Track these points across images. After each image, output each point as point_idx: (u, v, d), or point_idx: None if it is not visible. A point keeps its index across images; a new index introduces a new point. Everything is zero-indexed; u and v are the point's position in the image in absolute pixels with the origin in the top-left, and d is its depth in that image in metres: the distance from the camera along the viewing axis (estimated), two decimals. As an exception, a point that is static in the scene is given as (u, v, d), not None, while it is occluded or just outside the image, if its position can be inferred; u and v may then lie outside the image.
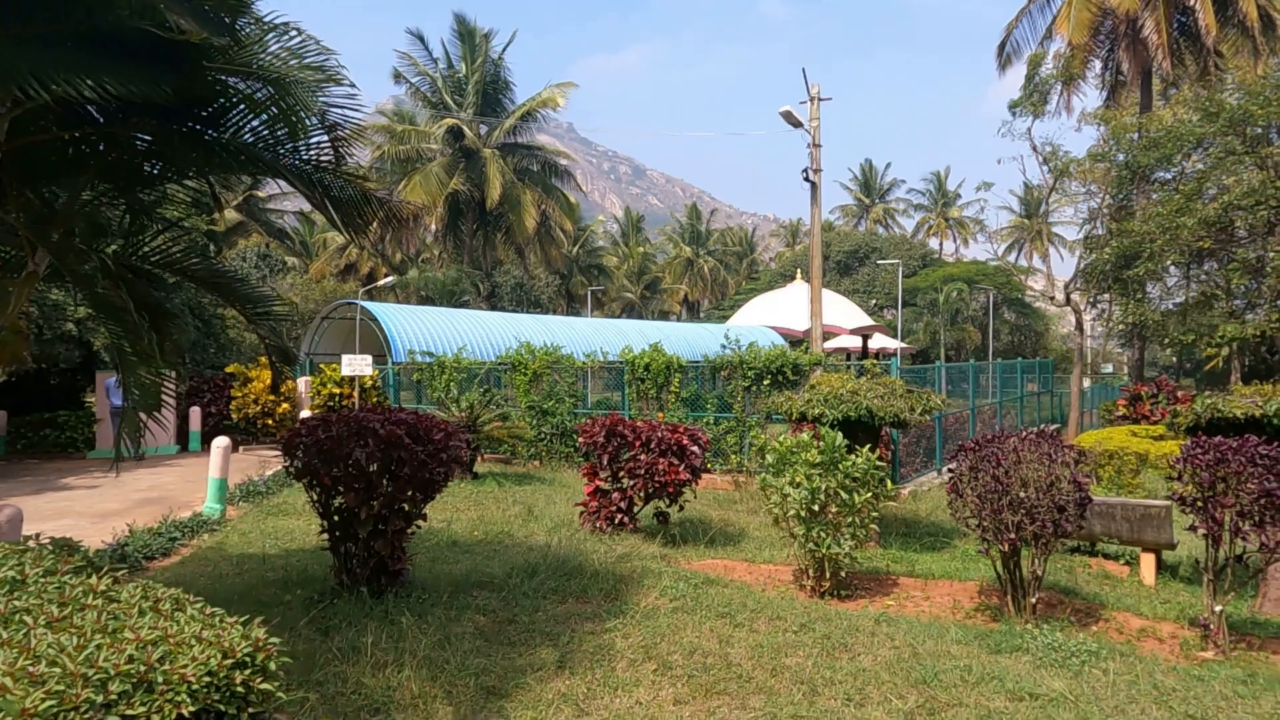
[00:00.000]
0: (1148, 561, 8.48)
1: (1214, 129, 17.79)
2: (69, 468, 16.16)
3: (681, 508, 9.73)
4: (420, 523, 7.05)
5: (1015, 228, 75.31)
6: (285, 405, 19.07)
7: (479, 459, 15.12)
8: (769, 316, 39.84)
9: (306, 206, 65.41)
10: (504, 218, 39.11)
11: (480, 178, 37.35)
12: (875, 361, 13.20)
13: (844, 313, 40.48)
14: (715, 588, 7.13)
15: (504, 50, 39.49)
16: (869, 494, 7.33)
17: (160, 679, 2.18)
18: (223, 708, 2.24)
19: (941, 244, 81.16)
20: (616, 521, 9.45)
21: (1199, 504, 5.85)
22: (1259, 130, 17.38)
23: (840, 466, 7.19)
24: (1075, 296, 22.53)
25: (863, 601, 7.13)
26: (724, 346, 14.43)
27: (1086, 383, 44.78)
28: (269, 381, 18.98)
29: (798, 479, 7.22)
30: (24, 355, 12.88)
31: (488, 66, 38.44)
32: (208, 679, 2.25)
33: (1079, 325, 21.59)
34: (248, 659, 2.40)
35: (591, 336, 24.44)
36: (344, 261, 51.53)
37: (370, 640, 5.44)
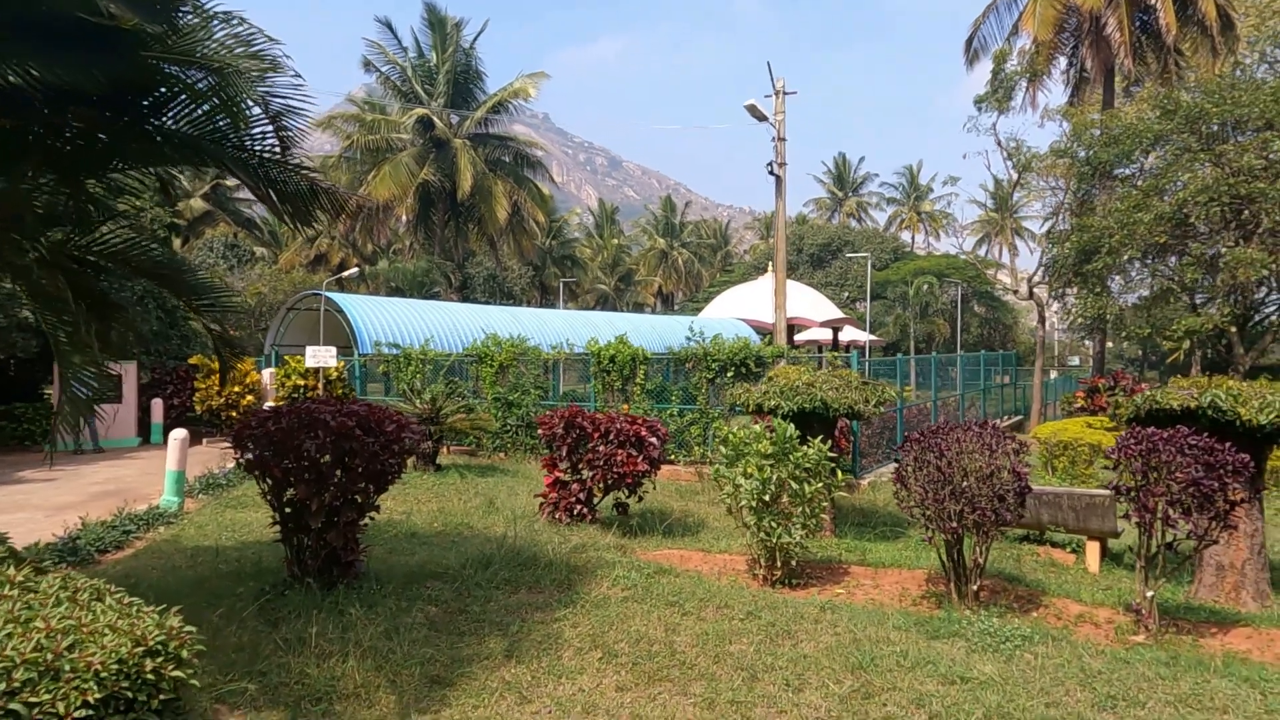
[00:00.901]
0: (1092, 549, 8.70)
1: (1171, 126, 18.17)
2: (26, 460, 15.90)
3: (641, 498, 9.81)
4: (374, 514, 7.06)
5: (985, 222, 76.30)
6: (250, 397, 18.90)
7: (443, 451, 15.11)
8: (741, 309, 40.05)
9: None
10: (476, 209, 38.90)
11: (451, 168, 37.11)
12: (837, 354, 13.36)
13: (814, 306, 40.77)
14: (667, 577, 7.22)
15: (475, 40, 39.24)
16: (820, 484, 7.45)
17: (67, 667, 2.21)
18: (131, 694, 2.27)
19: (914, 237, 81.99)
20: (575, 513, 9.51)
21: (1133, 493, 6.02)
22: (1214, 128, 17.77)
23: (791, 457, 7.30)
24: (1038, 290, 22.92)
25: (813, 590, 7.25)
26: (688, 339, 14.52)
27: (1054, 374, 45.55)
28: (235, 373, 18.81)
29: (750, 470, 7.32)
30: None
31: (459, 56, 38.15)
32: (117, 667, 2.27)
33: (1041, 318, 21.95)
34: (160, 647, 2.42)
35: (561, 328, 24.43)
36: (314, 252, 50.94)
37: (316, 631, 5.45)
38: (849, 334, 41.97)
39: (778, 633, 5.78)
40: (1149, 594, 6.09)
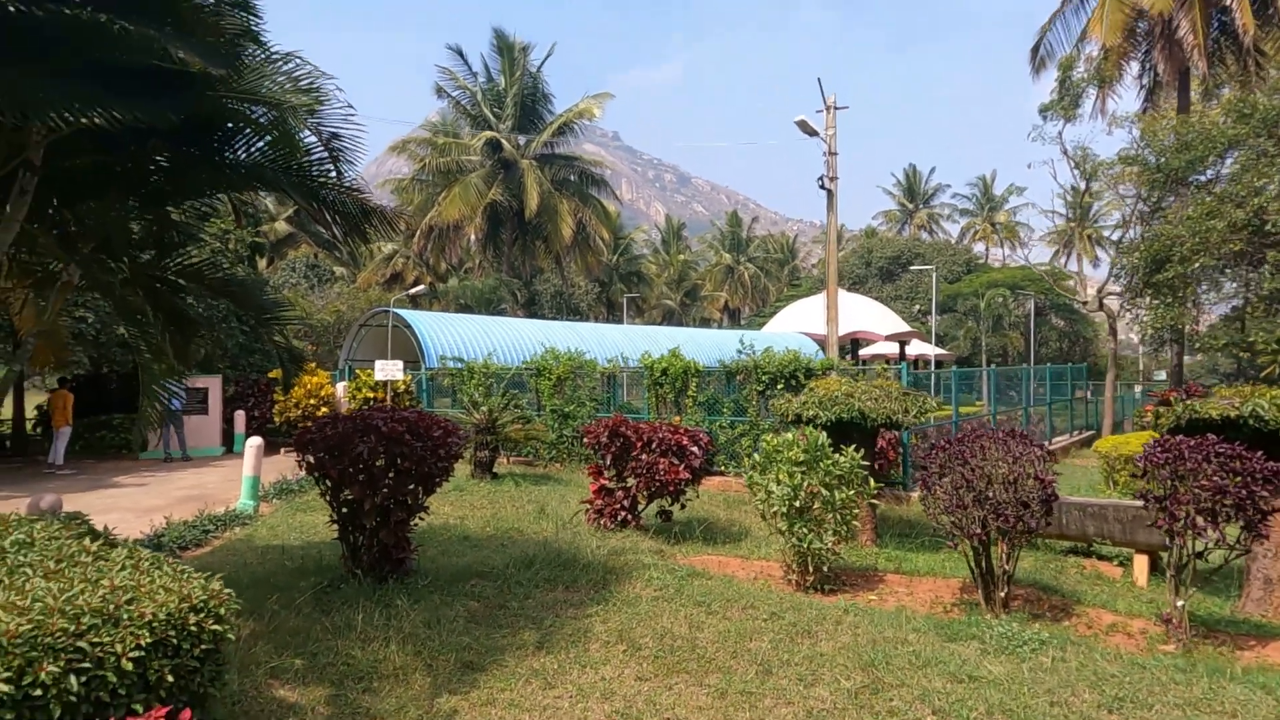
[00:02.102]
0: (1140, 562, 8.54)
1: (1246, 130, 17.52)
2: (122, 467, 17.11)
3: (683, 506, 10.06)
4: (423, 515, 7.53)
5: (1062, 231, 73.86)
6: (324, 409, 19.87)
7: (503, 461, 15.64)
8: (803, 323, 39.91)
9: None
10: (542, 227, 39.88)
11: (518, 188, 38.18)
12: (885, 366, 13.37)
13: (881, 319, 40.33)
14: (700, 580, 7.46)
15: (542, 64, 40.39)
16: (852, 492, 7.59)
17: (125, 616, 2.64)
18: (177, 642, 2.69)
19: (988, 249, 79.96)
20: (620, 519, 9.82)
21: (1160, 501, 6.00)
22: (1293, 131, 17.06)
23: (821, 465, 7.46)
24: (1109, 302, 22.25)
25: (845, 596, 7.38)
26: (739, 352, 14.72)
27: (1137, 389, 43.65)
28: (310, 387, 19.84)
29: (780, 476, 7.52)
30: (65, 357, 13.77)
31: (526, 79, 39.31)
32: (165, 618, 2.69)
33: (1112, 330, 21.30)
34: (203, 605, 2.84)
35: (621, 342, 24.87)
36: (390, 271, 52.90)
37: (363, 619, 5.91)
38: (917, 347, 41.32)
39: (798, 632, 5.96)
40: (1179, 603, 6.05)
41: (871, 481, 8.03)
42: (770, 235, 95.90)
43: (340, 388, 20.55)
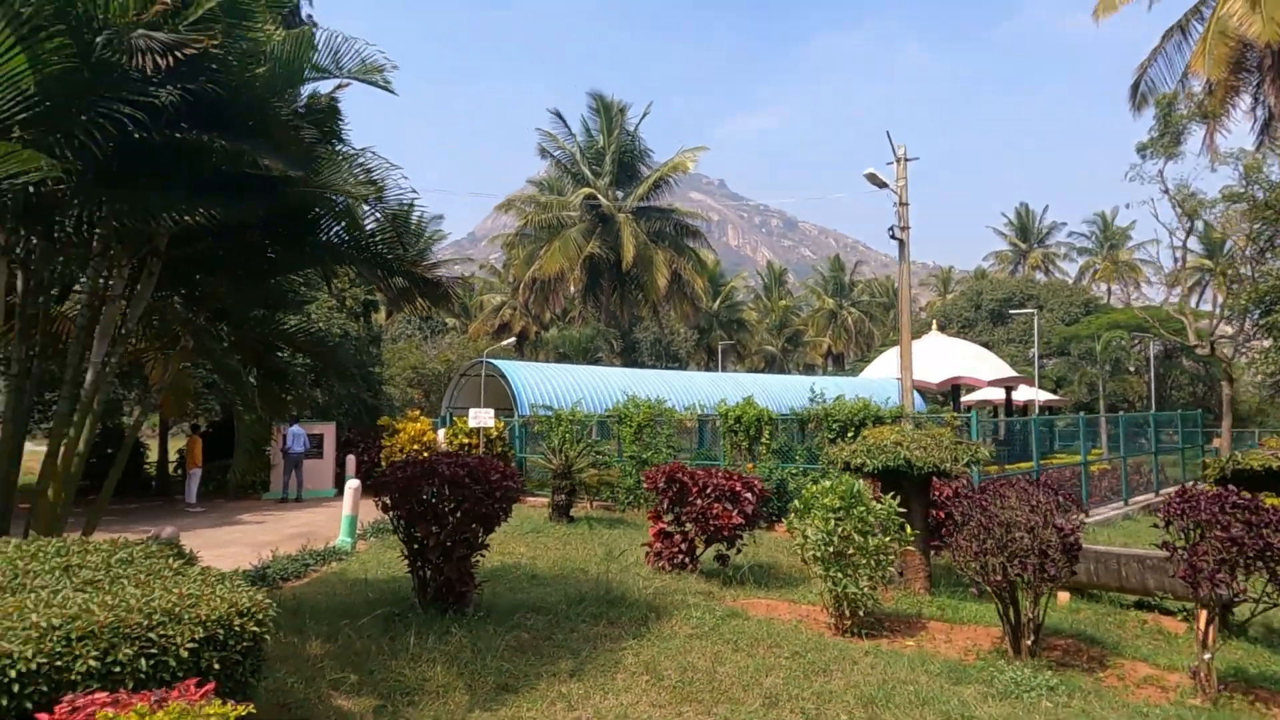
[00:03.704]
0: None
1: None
2: (246, 506, 18.85)
3: (739, 550, 10.40)
4: (484, 552, 8.27)
5: (1196, 269, 69.38)
6: (426, 455, 21.21)
7: (585, 505, 16.33)
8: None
9: (466, 271, 70.30)
10: (639, 277, 41.07)
11: (616, 241, 39.59)
12: (956, 415, 13.33)
13: (984, 364, 39.08)
14: (737, 620, 7.83)
15: (639, 122, 42.03)
16: (888, 539, 7.82)
17: (186, 616, 3.40)
18: (224, 638, 3.43)
19: (1109, 289, 75.98)
20: (677, 562, 10.26)
21: (1180, 552, 6.01)
22: None
23: (854, 512, 7.74)
24: (1224, 344, 21.10)
25: (883, 640, 7.57)
26: (811, 400, 14.98)
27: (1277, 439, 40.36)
28: (413, 433, 21.25)
29: (816, 522, 7.84)
30: (189, 407, 15.44)
31: (623, 137, 40.99)
32: (216, 619, 3.44)
33: (1225, 375, 20.17)
34: (247, 610, 3.58)
35: (708, 389, 25.35)
36: (498, 321, 55.46)
37: (417, 643, 6.62)
38: (1026, 393, 39.81)
39: (814, 670, 6.27)
40: (1206, 656, 6.00)
41: (909, 528, 8.20)
42: (875, 279, 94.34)
43: (441, 434, 21.90)
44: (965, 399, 43.29)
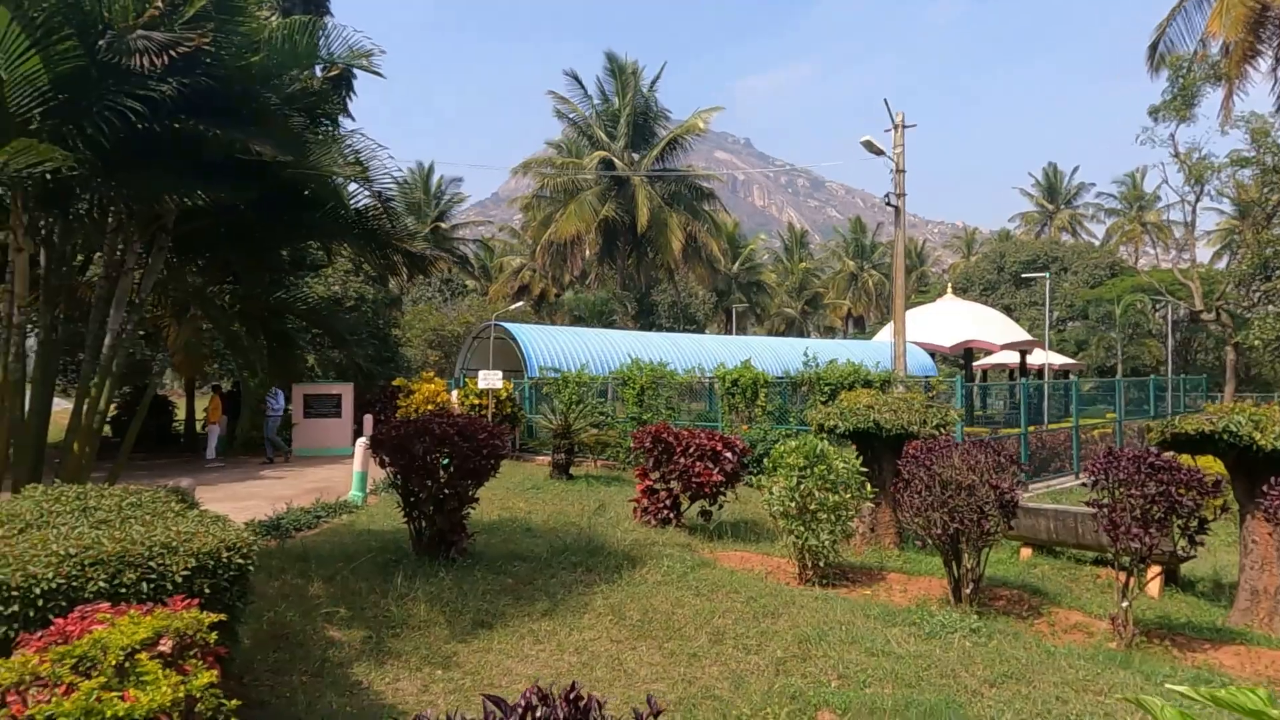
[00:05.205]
0: (1152, 573, 8.76)
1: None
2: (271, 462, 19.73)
3: (721, 507, 10.99)
4: (473, 504, 8.89)
5: (1227, 230, 68.02)
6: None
7: (591, 464, 16.99)
8: (919, 332, 39.25)
9: (487, 233, 70.58)
10: (654, 241, 41.37)
11: (630, 204, 39.85)
12: (941, 380, 13.72)
13: (998, 328, 39.07)
14: (705, 569, 8.43)
15: (654, 83, 41.96)
16: (848, 496, 8.35)
17: (181, 548, 4.03)
18: (213, 567, 4.06)
19: (1137, 251, 74.80)
20: (662, 517, 10.88)
21: (1103, 509, 6.48)
22: None
23: (816, 470, 8.27)
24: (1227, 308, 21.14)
25: (843, 590, 8.14)
26: (805, 364, 15.43)
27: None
28: (427, 394, 22.00)
29: (781, 479, 8.38)
30: (202, 367, 16.22)
31: (638, 99, 40.99)
32: (207, 551, 4.07)
33: (1228, 340, 20.26)
34: (234, 545, 4.20)
35: (717, 352, 25.81)
36: (518, 284, 56.03)
37: (405, 584, 7.29)
38: (1040, 357, 39.87)
39: (763, 613, 6.86)
40: (1125, 604, 6.50)
41: (869, 486, 8.71)
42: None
43: (454, 395, 22.64)
44: (979, 363, 43.37)
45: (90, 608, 3.28)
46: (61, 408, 10.06)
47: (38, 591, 3.57)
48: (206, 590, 4.00)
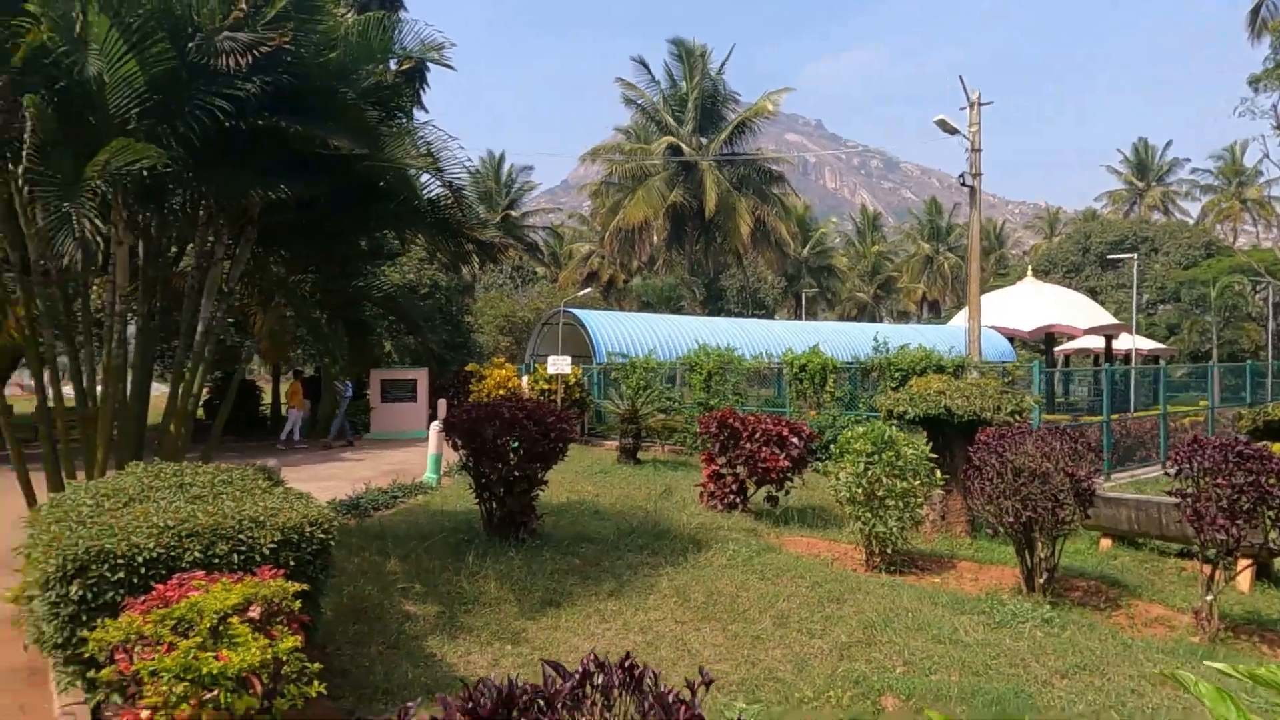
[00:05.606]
0: (1242, 566, 8.38)
1: None
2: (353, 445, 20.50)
3: (788, 493, 10.95)
4: (542, 486, 9.10)
5: (1338, 207, 63.63)
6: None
7: (658, 449, 17.12)
8: (996, 317, 38.11)
9: (556, 220, 71.27)
10: (723, 225, 41.15)
11: (698, 189, 39.70)
12: (1018, 365, 13.33)
13: (1082, 312, 37.57)
14: (770, 554, 8.45)
15: (722, 66, 41.58)
16: (917, 482, 8.24)
17: (268, 522, 4.29)
18: (297, 541, 4.30)
19: (1235, 229, 70.66)
20: (728, 502, 10.91)
21: (1186, 499, 6.24)
22: None
23: (884, 456, 8.17)
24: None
25: (911, 578, 8.05)
26: (875, 349, 15.19)
27: None
28: (499, 379, 22.49)
29: (848, 465, 8.32)
30: (286, 354, 16.90)
31: (705, 83, 40.70)
32: (292, 525, 4.32)
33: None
34: (316, 521, 4.44)
35: (784, 337, 25.59)
36: (587, 270, 56.50)
37: (476, 562, 7.53)
38: (1130, 342, 38.28)
39: (829, 598, 6.84)
40: (1209, 598, 6.25)
41: (938, 473, 8.56)
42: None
43: (525, 380, 23.07)
44: (1062, 348, 41.81)
45: (187, 575, 3.54)
46: (159, 392, 10.70)
47: (140, 560, 3.85)
48: (291, 562, 4.25)
